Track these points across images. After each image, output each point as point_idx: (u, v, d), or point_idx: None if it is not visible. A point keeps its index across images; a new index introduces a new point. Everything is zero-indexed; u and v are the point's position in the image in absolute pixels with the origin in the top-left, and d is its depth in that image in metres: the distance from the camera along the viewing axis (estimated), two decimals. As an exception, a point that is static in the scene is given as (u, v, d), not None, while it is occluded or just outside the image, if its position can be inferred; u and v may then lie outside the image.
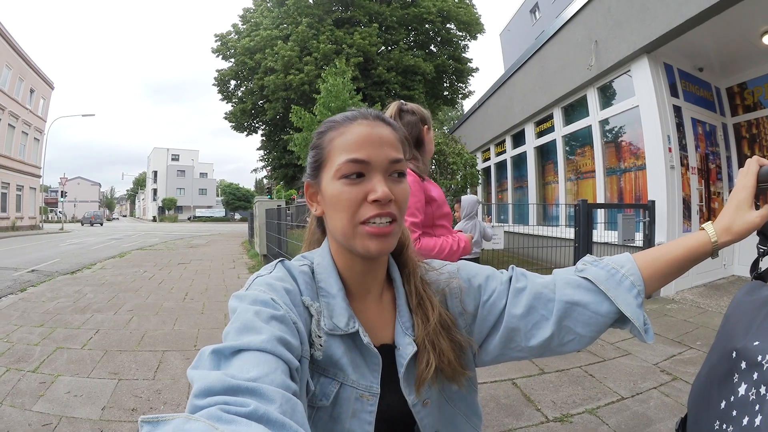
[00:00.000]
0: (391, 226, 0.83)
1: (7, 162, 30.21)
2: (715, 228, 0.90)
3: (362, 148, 0.83)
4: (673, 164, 6.60)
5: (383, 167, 0.83)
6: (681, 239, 0.92)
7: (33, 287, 8.11)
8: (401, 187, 0.86)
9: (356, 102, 14.33)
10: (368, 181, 0.82)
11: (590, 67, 7.75)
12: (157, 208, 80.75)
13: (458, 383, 0.92)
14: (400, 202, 0.85)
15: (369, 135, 0.84)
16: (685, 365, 3.89)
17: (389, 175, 0.84)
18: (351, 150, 0.83)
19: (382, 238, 0.82)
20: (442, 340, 0.89)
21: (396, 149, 0.87)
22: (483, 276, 0.98)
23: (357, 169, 0.82)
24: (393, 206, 0.83)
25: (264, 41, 21.15)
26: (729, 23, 5.83)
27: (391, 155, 0.85)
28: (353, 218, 0.82)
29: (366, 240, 0.82)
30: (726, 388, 0.79)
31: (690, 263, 0.91)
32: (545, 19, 26.42)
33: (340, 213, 0.83)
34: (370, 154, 0.83)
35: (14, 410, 3.15)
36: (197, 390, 0.54)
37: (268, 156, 25.71)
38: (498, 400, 3.36)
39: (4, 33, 28.84)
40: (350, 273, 0.90)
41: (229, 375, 0.56)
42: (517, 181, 12.51)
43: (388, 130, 0.88)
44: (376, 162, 0.83)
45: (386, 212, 0.81)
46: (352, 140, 0.84)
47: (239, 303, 0.74)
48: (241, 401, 0.51)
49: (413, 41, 24.06)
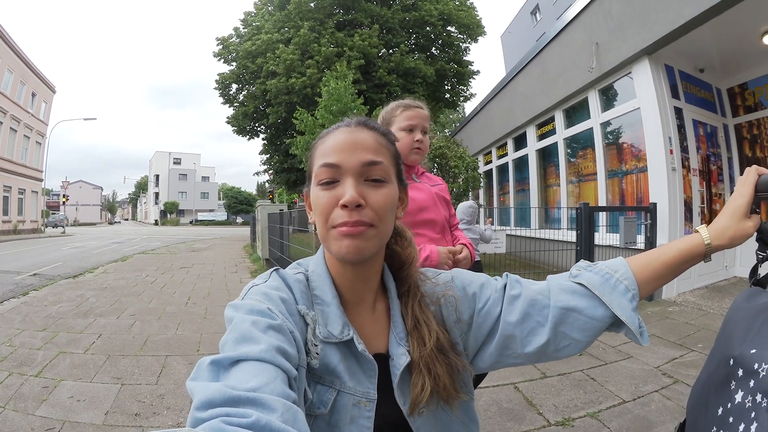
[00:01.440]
0: (362, 228, 0.82)
1: (8, 165, 30.31)
2: (710, 231, 0.91)
3: (335, 153, 0.84)
4: (674, 166, 6.59)
5: (355, 171, 0.83)
6: (674, 242, 0.93)
7: (35, 291, 8.13)
8: (379, 193, 0.85)
9: (357, 105, 14.35)
10: (341, 186, 0.83)
11: (591, 69, 7.75)
12: (159, 212, 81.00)
13: (452, 406, 0.91)
14: (377, 208, 0.84)
15: (344, 140, 0.86)
16: (686, 368, 3.89)
17: (365, 180, 0.85)
18: (325, 155, 0.85)
19: (353, 239, 0.81)
20: (438, 364, 0.88)
21: (374, 152, 0.86)
22: (477, 284, 0.98)
23: (330, 173, 0.84)
24: (366, 212, 0.82)
25: (265, 45, 21.16)
26: (729, 24, 5.83)
27: (365, 158, 0.84)
28: (326, 223, 0.83)
29: (338, 241, 0.82)
30: (723, 394, 0.79)
31: (683, 266, 0.92)
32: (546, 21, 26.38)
33: (318, 218, 0.85)
34: (341, 158, 0.84)
35: (17, 415, 3.15)
36: (198, 402, 0.54)
37: (270, 160, 25.71)
38: (500, 404, 3.36)
39: (6, 37, 28.96)
40: (343, 280, 0.91)
41: (229, 386, 0.56)
42: (518, 184, 12.49)
43: (368, 134, 0.89)
44: (347, 166, 0.83)
45: (354, 220, 0.81)
46: (328, 146, 0.86)
47: (235, 313, 0.74)
48: (243, 412, 0.51)
49: (414, 44, 24.06)
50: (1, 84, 28.71)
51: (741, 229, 0.89)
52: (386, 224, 0.86)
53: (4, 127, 29.27)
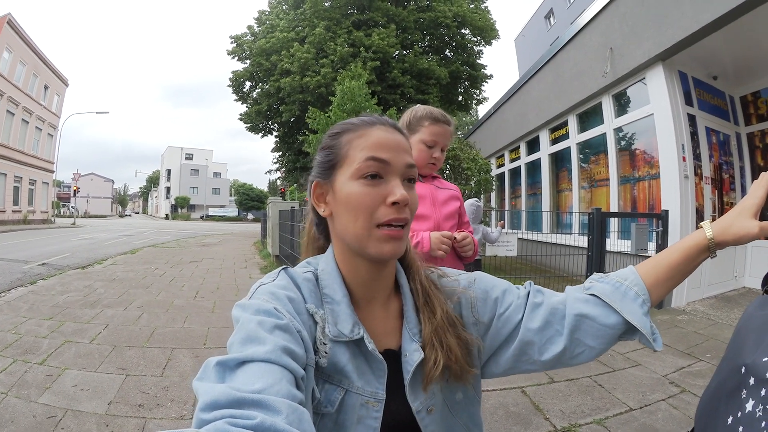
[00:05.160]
0: (403, 230, 0.85)
1: (19, 156, 30.67)
2: (713, 226, 0.91)
3: (383, 149, 0.86)
4: (686, 174, 6.53)
5: (401, 171, 0.86)
6: (679, 242, 0.94)
7: (43, 280, 8.20)
8: (413, 193, 0.88)
9: (371, 105, 14.37)
10: (386, 183, 0.84)
11: (605, 74, 7.71)
12: (170, 206, 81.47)
13: (465, 381, 0.92)
14: (412, 207, 0.87)
15: (388, 139, 0.87)
16: (694, 377, 3.85)
17: (404, 180, 0.86)
18: (372, 150, 0.85)
19: (396, 242, 0.83)
20: (450, 336, 0.89)
21: (410, 155, 0.90)
22: (500, 289, 0.99)
23: (376, 168, 0.84)
24: (406, 211, 0.85)
25: (280, 43, 21.20)
26: (743, 31, 5.78)
27: (408, 160, 0.88)
28: (370, 220, 0.83)
29: (381, 243, 0.83)
30: (733, 403, 0.77)
31: (689, 263, 0.92)
32: (560, 25, 26.35)
33: (355, 214, 0.84)
34: (391, 156, 0.85)
35: (19, 401, 3.18)
36: (203, 404, 0.54)
37: (282, 158, 25.79)
38: (507, 408, 3.34)
39: (19, 30, 29.30)
40: (355, 279, 0.91)
41: (234, 387, 0.56)
42: (530, 188, 12.45)
43: (402, 138, 0.91)
44: (396, 164, 0.86)
45: (403, 217, 0.84)
46: (372, 142, 0.86)
47: (242, 313, 0.74)
48: (248, 414, 0.52)
49: (428, 45, 24.02)
50: (13, 76, 29.06)
51: (746, 227, 0.88)
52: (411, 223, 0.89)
53: (15, 119, 29.62)
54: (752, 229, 0.88)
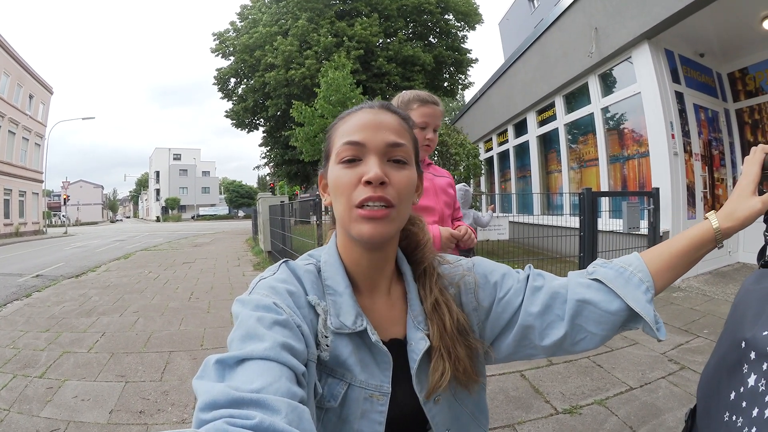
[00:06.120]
0: (386, 210, 0.81)
1: (8, 168, 30.24)
2: (718, 215, 0.90)
3: (359, 131, 0.84)
4: (676, 151, 6.56)
5: (379, 150, 0.83)
6: (685, 231, 0.93)
7: (38, 292, 8.12)
8: (402, 174, 0.85)
9: (356, 95, 14.35)
10: (364, 164, 0.82)
11: (591, 54, 7.71)
12: (161, 208, 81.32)
13: (470, 390, 0.91)
14: (399, 188, 0.83)
15: (368, 120, 0.86)
16: (692, 354, 3.87)
17: (388, 160, 0.84)
18: (348, 134, 0.85)
19: (374, 222, 0.80)
20: (459, 347, 0.88)
21: (397, 134, 0.87)
22: (499, 273, 0.98)
23: (353, 151, 0.83)
24: (389, 191, 0.81)
25: (263, 38, 21.11)
26: (729, 8, 5.78)
27: (389, 138, 0.85)
28: (349, 201, 0.82)
29: (359, 224, 0.81)
30: (735, 378, 0.78)
31: (695, 253, 0.91)
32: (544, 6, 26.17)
33: (338, 197, 0.84)
34: (366, 136, 0.84)
35: (22, 417, 3.15)
36: (202, 403, 0.54)
37: (270, 153, 25.74)
38: (507, 392, 3.35)
39: (1, 40, 28.86)
40: (357, 268, 0.90)
41: (233, 387, 0.56)
42: (520, 171, 12.49)
43: (391, 117, 0.89)
44: (371, 144, 0.83)
45: (378, 195, 0.80)
46: (351, 125, 0.86)
47: (242, 309, 0.73)
48: (246, 414, 0.51)
49: (412, 32, 23.97)
50: (-3, 88, 28.65)
51: (748, 207, 0.88)
52: (405, 206, 0.86)
53: (2, 131, 29.17)
54: (755, 206, 0.87)
